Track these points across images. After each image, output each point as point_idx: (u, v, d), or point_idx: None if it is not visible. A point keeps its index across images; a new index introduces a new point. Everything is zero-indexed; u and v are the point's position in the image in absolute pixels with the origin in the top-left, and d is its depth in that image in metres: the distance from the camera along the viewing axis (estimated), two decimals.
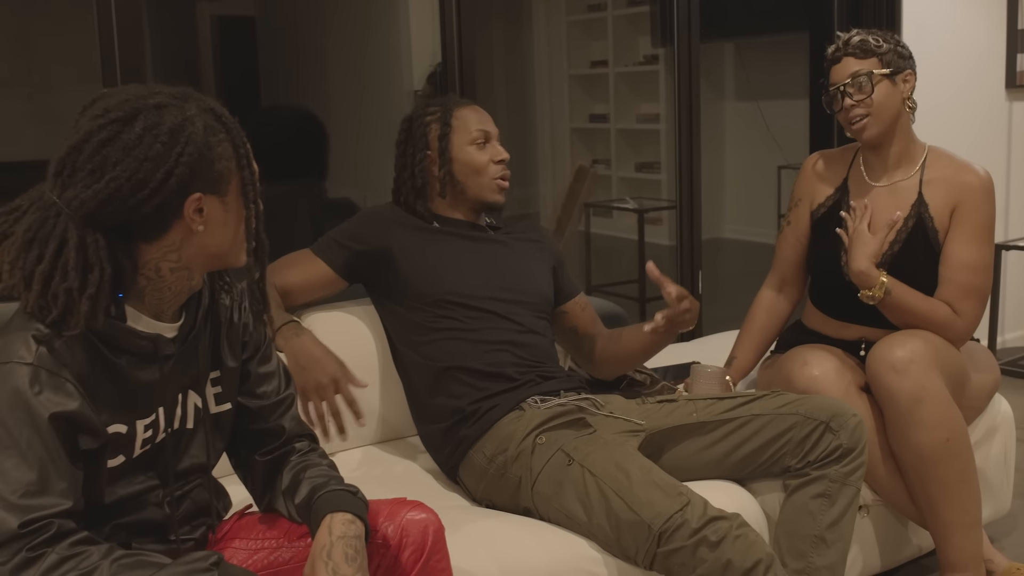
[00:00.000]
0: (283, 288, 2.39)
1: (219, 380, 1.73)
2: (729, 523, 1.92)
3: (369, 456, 2.50)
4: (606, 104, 7.62)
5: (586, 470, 2.04)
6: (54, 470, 1.44)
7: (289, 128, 3.55)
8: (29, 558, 1.41)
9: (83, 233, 1.46)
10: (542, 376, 2.34)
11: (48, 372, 1.44)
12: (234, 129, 1.55)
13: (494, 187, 2.47)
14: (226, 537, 1.80)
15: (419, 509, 1.73)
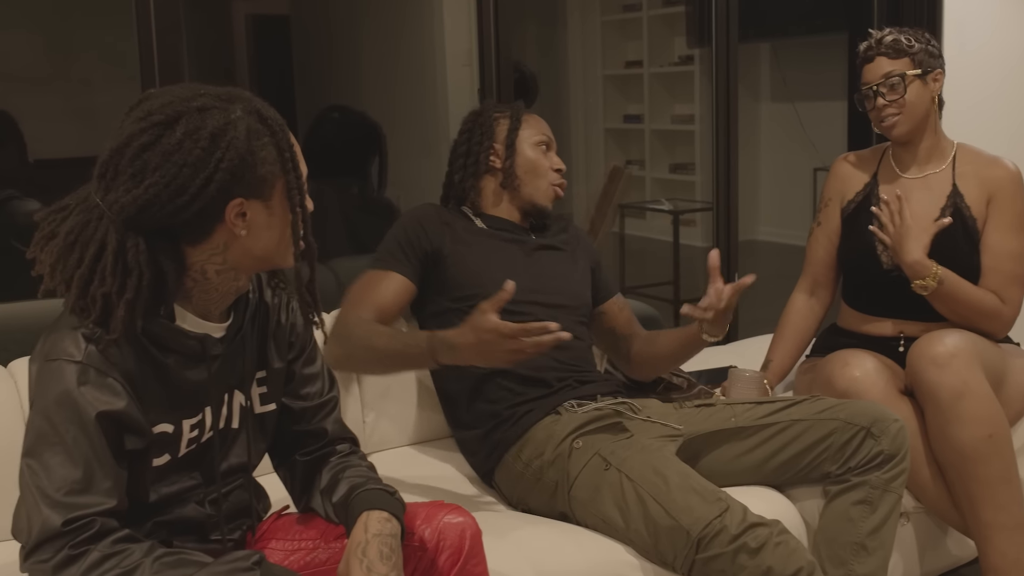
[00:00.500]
0: (380, 311, 2.34)
1: (265, 380, 1.72)
2: (769, 530, 1.89)
3: (404, 458, 2.49)
4: (640, 105, 7.60)
5: (623, 475, 2.02)
6: (99, 469, 1.44)
7: (342, 128, 3.55)
8: (71, 555, 1.41)
9: (123, 237, 1.45)
10: (579, 380, 2.32)
11: (96, 371, 1.45)
12: (279, 132, 1.51)
13: (549, 192, 2.49)
14: (263, 537, 1.80)
15: (456, 512, 1.71)
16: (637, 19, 7.50)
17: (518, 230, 2.51)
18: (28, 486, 1.45)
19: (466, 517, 1.71)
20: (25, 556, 1.44)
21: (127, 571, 1.42)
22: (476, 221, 2.49)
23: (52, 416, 1.44)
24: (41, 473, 1.43)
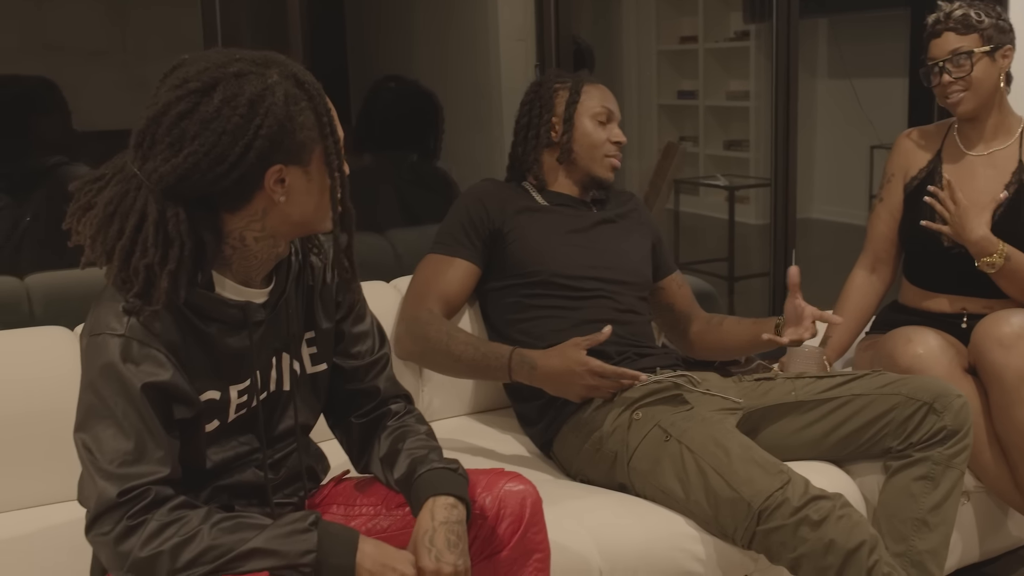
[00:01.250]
0: (447, 303, 2.37)
1: (314, 340, 1.73)
2: (832, 503, 1.88)
3: (462, 427, 2.51)
4: (694, 80, 7.53)
5: (684, 446, 2.01)
6: (150, 439, 1.45)
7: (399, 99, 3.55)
8: (130, 526, 1.42)
9: (163, 207, 1.44)
10: (639, 354, 2.33)
11: (139, 343, 1.45)
12: (317, 96, 1.50)
13: (606, 164, 2.47)
14: (324, 502, 1.81)
15: (517, 481, 1.71)
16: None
17: (579, 204, 2.50)
18: (83, 460, 1.46)
19: (527, 485, 1.70)
20: (87, 528, 1.45)
21: (186, 538, 1.42)
22: (537, 197, 2.48)
23: (100, 389, 1.45)
24: (93, 446, 1.44)
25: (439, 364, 2.29)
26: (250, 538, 1.45)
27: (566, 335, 2.30)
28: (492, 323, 2.45)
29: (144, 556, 1.42)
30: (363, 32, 4.50)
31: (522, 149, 2.52)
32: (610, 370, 2.09)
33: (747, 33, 7.12)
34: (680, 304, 2.62)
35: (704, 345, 2.54)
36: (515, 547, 1.67)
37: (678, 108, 7.64)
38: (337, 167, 1.52)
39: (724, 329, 2.50)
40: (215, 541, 1.43)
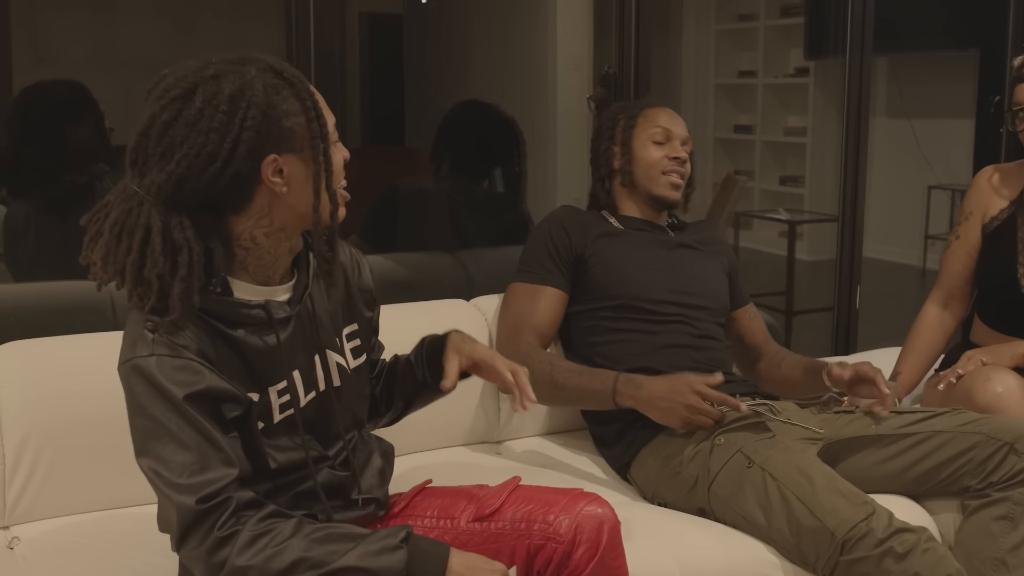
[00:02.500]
0: (541, 335, 2.39)
1: (356, 333, 1.75)
2: (917, 536, 1.89)
3: (538, 447, 2.53)
4: (751, 115, 7.55)
5: (767, 473, 2.03)
6: (210, 445, 1.46)
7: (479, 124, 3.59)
8: (221, 537, 1.44)
9: (167, 217, 1.46)
10: None
11: (169, 357, 1.47)
12: (298, 83, 1.51)
13: (664, 183, 2.48)
14: (405, 512, 1.81)
15: (596, 503, 1.70)
16: (752, 29, 7.46)
17: (655, 228, 2.53)
18: (154, 483, 1.48)
19: (605, 508, 1.70)
20: (177, 547, 1.48)
21: (279, 549, 1.44)
22: (613, 221, 2.52)
23: (149, 411, 1.46)
24: (159, 467, 1.46)
25: (541, 394, 2.30)
26: (342, 552, 1.46)
27: (645, 359, 2.34)
28: (573, 346, 2.47)
29: (238, 566, 1.44)
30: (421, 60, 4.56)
31: (594, 179, 2.58)
32: (715, 394, 2.12)
33: (806, 70, 7.14)
34: (751, 337, 2.64)
35: (769, 382, 2.56)
36: (592, 573, 1.66)
37: (734, 142, 7.67)
38: (323, 151, 1.52)
39: (782, 370, 2.53)
40: (306, 553, 1.45)
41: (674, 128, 2.50)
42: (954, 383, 2.46)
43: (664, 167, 2.47)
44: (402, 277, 3.28)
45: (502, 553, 1.69)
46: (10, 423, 2.04)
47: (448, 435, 2.48)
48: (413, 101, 4.45)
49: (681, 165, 2.49)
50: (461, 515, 1.75)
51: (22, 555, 1.96)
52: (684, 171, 2.50)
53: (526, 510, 1.70)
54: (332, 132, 1.56)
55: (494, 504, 1.72)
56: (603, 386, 2.21)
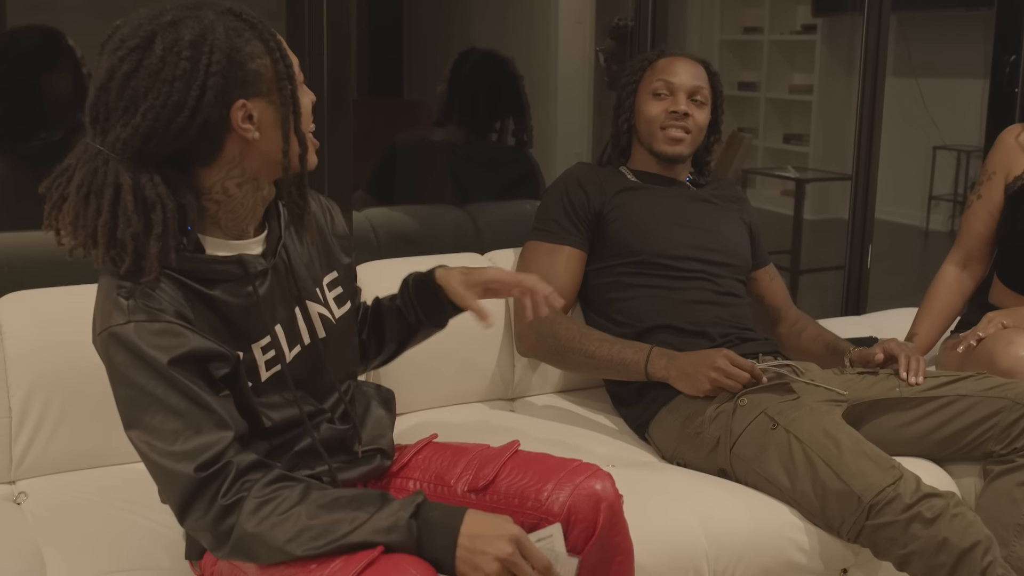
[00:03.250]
0: (562, 295, 2.32)
1: (337, 280, 1.71)
2: (945, 501, 1.86)
3: (554, 404, 2.50)
4: (756, 72, 7.47)
5: (792, 435, 1.99)
6: (201, 409, 1.41)
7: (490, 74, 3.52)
8: (225, 506, 1.40)
9: (136, 174, 1.40)
10: (741, 338, 2.31)
11: (148, 322, 1.41)
12: (259, 25, 1.46)
13: (662, 137, 2.42)
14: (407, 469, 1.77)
15: (595, 477, 1.62)
16: None
17: (672, 182, 2.48)
18: (146, 456, 1.43)
19: (605, 482, 1.62)
20: (181, 519, 1.43)
21: (285, 517, 1.40)
22: (629, 176, 2.47)
23: (132, 380, 1.41)
24: (150, 437, 1.41)
25: (569, 361, 2.29)
26: (350, 521, 1.41)
27: (666, 316, 2.30)
28: (591, 303, 2.43)
29: (248, 532, 1.40)
30: (419, 10, 4.48)
31: (613, 134, 2.54)
32: (745, 362, 2.09)
33: (814, 27, 7.06)
34: (770, 298, 2.60)
35: (789, 349, 2.52)
36: (590, 554, 1.60)
37: (738, 99, 7.58)
38: (291, 93, 1.47)
39: (802, 341, 2.49)
40: (312, 522, 1.40)
41: (677, 79, 2.42)
42: (974, 346, 2.43)
43: (662, 122, 2.42)
44: (410, 229, 3.23)
45: None
46: (16, 375, 1.99)
47: (463, 391, 2.44)
48: (412, 53, 4.38)
49: (681, 119, 2.41)
50: (457, 482, 1.70)
51: (30, 511, 1.91)
52: (686, 124, 2.41)
53: (520, 484, 1.64)
54: (298, 73, 1.51)
55: (488, 475, 1.67)
56: (636, 356, 2.18)
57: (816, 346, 2.44)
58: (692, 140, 2.44)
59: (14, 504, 1.95)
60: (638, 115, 2.46)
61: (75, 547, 1.79)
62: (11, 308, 2.05)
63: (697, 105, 2.44)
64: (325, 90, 2.57)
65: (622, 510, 1.64)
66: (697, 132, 2.45)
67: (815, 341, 2.45)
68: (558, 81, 4.41)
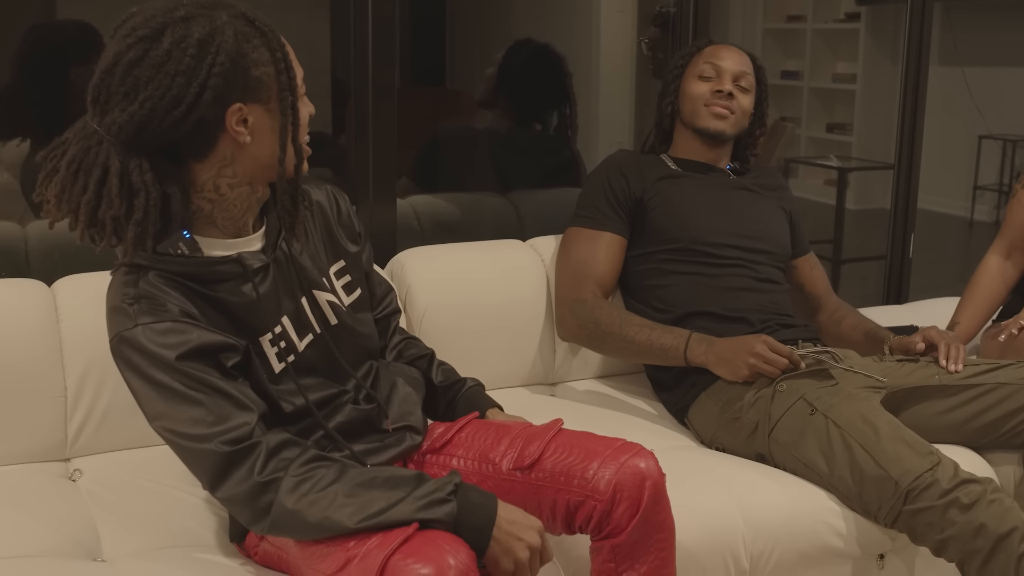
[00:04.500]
0: (603, 284, 2.38)
1: (345, 269, 1.74)
2: (983, 487, 1.87)
3: (594, 389, 2.52)
4: (799, 60, 7.43)
5: (830, 421, 2.01)
6: (219, 395, 1.45)
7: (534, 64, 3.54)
8: (262, 483, 1.43)
9: (126, 159, 1.43)
10: (781, 324, 2.32)
11: (153, 321, 1.45)
12: (269, 33, 1.48)
13: (705, 114, 2.44)
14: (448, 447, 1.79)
15: (639, 456, 1.65)
16: None
17: (714, 170, 2.50)
18: (174, 443, 1.48)
19: (648, 461, 1.64)
20: (212, 488, 1.47)
21: (321, 496, 1.43)
22: (670, 164, 2.49)
23: (149, 376, 1.45)
24: (177, 426, 1.45)
25: (609, 346, 2.32)
26: (386, 500, 1.43)
27: (705, 303, 2.31)
28: (630, 290, 2.45)
29: (288, 509, 1.43)
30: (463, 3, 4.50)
31: (657, 121, 2.57)
32: (784, 348, 2.11)
33: (857, 15, 7.01)
34: (810, 286, 2.61)
35: (828, 338, 2.53)
36: (634, 531, 1.63)
37: (781, 88, 7.54)
38: (291, 104, 1.49)
39: (842, 329, 2.50)
40: (350, 499, 1.43)
41: (724, 63, 2.46)
42: (1015, 334, 2.43)
43: (707, 100, 2.44)
44: (453, 217, 3.26)
45: (543, 505, 1.67)
46: (72, 356, 2.05)
47: (505, 375, 2.47)
48: (455, 42, 4.40)
49: (725, 98, 2.43)
50: (502, 460, 1.72)
51: (85, 488, 1.97)
52: (730, 104, 2.44)
53: (566, 462, 1.66)
54: (300, 85, 1.54)
55: (534, 453, 1.69)
56: (676, 341, 2.20)
57: (856, 334, 2.45)
58: (735, 121, 2.46)
59: (70, 481, 2.01)
60: (683, 96, 2.49)
61: (127, 523, 1.85)
62: (66, 292, 2.11)
63: (741, 90, 2.46)
64: (370, 79, 2.60)
65: (665, 488, 1.67)
66: (741, 115, 2.47)
67: (855, 329, 2.46)
68: (600, 70, 4.41)
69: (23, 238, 2.60)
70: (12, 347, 2.00)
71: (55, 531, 1.77)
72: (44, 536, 1.75)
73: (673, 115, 2.53)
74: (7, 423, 2.00)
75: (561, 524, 1.68)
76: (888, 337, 2.36)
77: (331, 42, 3.06)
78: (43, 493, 1.92)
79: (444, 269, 2.43)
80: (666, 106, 2.54)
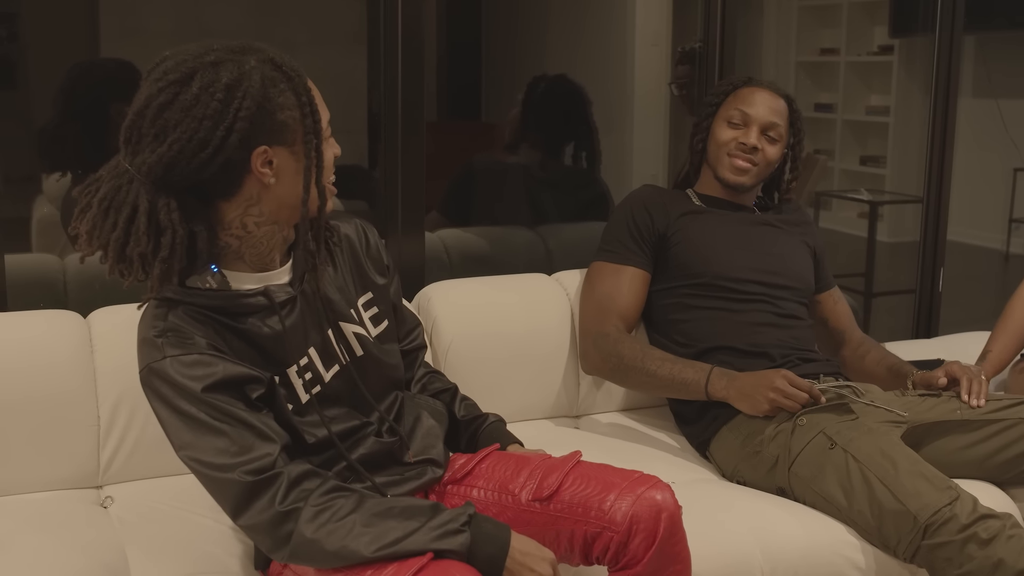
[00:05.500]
0: (626, 318, 2.41)
1: (373, 301, 1.77)
2: (1002, 522, 1.87)
3: (617, 422, 2.54)
4: (832, 93, 7.43)
5: (849, 455, 2.02)
6: (244, 427, 1.50)
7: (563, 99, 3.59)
8: (283, 512, 1.48)
9: (154, 198, 1.48)
10: (802, 359, 2.34)
11: (180, 354, 1.50)
12: (296, 78, 1.52)
13: (727, 164, 2.45)
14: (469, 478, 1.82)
15: (656, 488, 1.67)
16: (836, 5, 7.31)
17: (736, 207, 2.52)
18: (199, 472, 1.52)
19: (665, 493, 1.67)
20: (234, 516, 1.51)
21: (339, 526, 1.47)
22: (694, 199, 2.52)
23: (177, 407, 1.50)
24: (202, 455, 1.50)
25: (631, 380, 2.35)
26: (402, 531, 1.47)
27: (727, 338, 2.34)
28: (653, 324, 2.48)
29: (307, 538, 1.47)
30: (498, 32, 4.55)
31: (690, 156, 2.59)
32: (803, 382, 2.13)
33: (891, 48, 7.01)
34: (834, 321, 2.62)
35: (852, 372, 2.54)
36: (650, 562, 1.64)
37: (814, 121, 7.54)
38: (315, 147, 1.53)
39: (865, 364, 2.51)
40: (367, 529, 1.47)
41: (753, 111, 2.44)
42: None
43: (730, 149, 2.45)
44: (482, 250, 3.30)
45: (561, 536, 1.70)
46: (105, 386, 2.10)
47: (530, 408, 2.50)
48: (490, 75, 4.46)
49: (749, 151, 2.43)
50: (521, 491, 1.75)
51: (117, 515, 2.02)
52: (753, 158, 2.44)
53: (584, 494, 1.69)
54: (325, 128, 1.59)
55: (552, 485, 1.71)
56: (697, 376, 2.23)
57: (879, 369, 2.46)
58: (757, 173, 2.47)
59: (101, 508, 2.06)
60: (711, 138, 2.50)
61: (156, 549, 1.90)
62: (101, 323, 2.17)
63: (769, 140, 2.45)
64: (399, 112, 2.65)
65: (681, 520, 1.69)
66: (765, 166, 2.47)
67: (878, 364, 2.47)
68: (634, 103, 4.45)
69: (62, 270, 2.67)
70: (48, 377, 2.06)
71: (85, 556, 1.82)
72: (74, 561, 1.80)
73: (703, 152, 2.55)
74: (42, 450, 2.06)
75: (579, 555, 1.70)
76: (911, 372, 2.37)
77: (368, 76, 3.11)
78: (74, 519, 1.97)
79: (470, 302, 2.47)
80: (697, 143, 2.56)
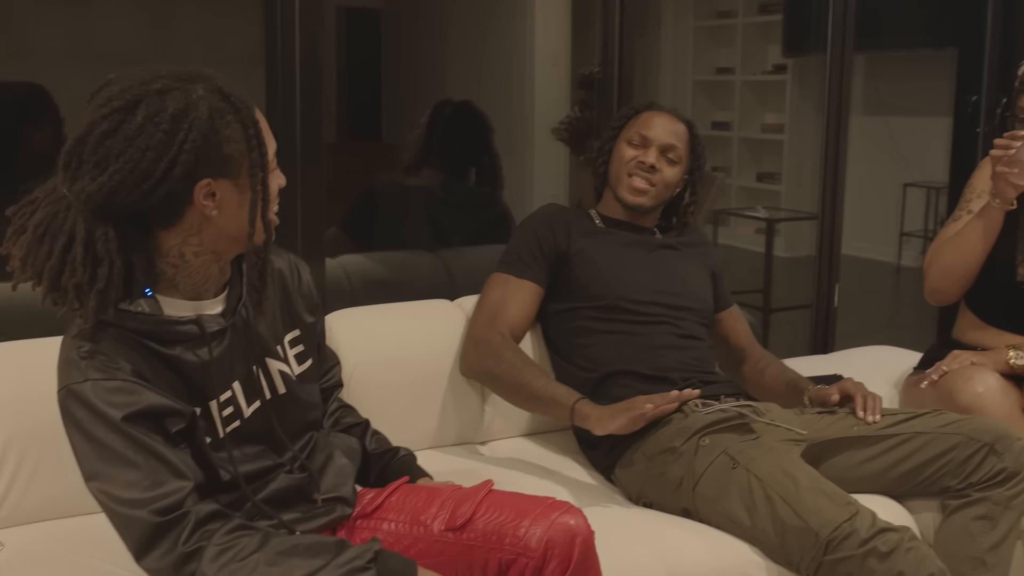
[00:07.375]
0: (514, 325, 2.40)
1: (299, 339, 1.76)
2: (900, 535, 1.91)
3: (522, 447, 2.54)
4: (729, 112, 7.58)
5: (752, 474, 2.04)
6: (158, 461, 1.46)
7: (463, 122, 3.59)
8: (186, 553, 1.44)
9: (92, 227, 1.45)
10: (703, 381, 2.36)
11: (104, 378, 1.46)
12: (244, 109, 1.49)
13: (625, 183, 2.48)
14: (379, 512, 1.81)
15: (569, 514, 1.68)
16: (731, 26, 7.48)
17: (638, 229, 2.54)
18: (106, 506, 1.48)
19: (578, 519, 1.68)
20: (137, 557, 1.48)
21: (242, 565, 1.44)
22: (596, 220, 2.54)
23: (91, 434, 1.46)
24: (109, 487, 1.46)
25: (503, 386, 2.33)
26: (307, 569, 1.45)
27: (629, 361, 2.35)
28: (555, 346, 2.48)
29: None
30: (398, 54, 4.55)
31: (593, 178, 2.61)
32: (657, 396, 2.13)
33: (784, 67, 7.18)
34: (735, 339, 2.66)
35: (752, 388, 2.58)
36: None
37: (712, 139, 7.68)
38: (261, 180, 1.51)
39: (765, 379, 2.56)
40: (270, 568, 1.45)
41: (652, 133, 2.47)
42: (936, 380, 2.48)
43: (630, 168, 2.47)
44: (383, 276, 3.28)
45: (475, 566, 1.69)
46: None
47: (435, 434, 2.48)
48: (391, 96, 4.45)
49: (648, 171, 2.46)
50: (433, 522, 1.74)
51: (6, 562, 1.94)
52: (652, 177, 2.47)
53: (498, 521, 1.69)
54: (272, 160, 1.56)
55: (466, 514, 1.71)
56: (566, 398, 2.21)
57: (778, 384, 2.50)
58: (656, 194, 2.49)
59: None
60: (612, 159, 2.52)
61: None
62: None
63: (668, 162, 2.48)
64: (298, 137, 2.62)
65: (594, 545, 1.69)
66: (663, 188, 2.49)
67: (777, 379, 2.52)
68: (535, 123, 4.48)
69: None
70: None
71: None
72: None
73: (605, 174, 2.57)
74: None
75: None
76: (808, 387, 2.41)
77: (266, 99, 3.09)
78: None
79: (372, 330, 2.44)
80: (599, 165, 2.58)
